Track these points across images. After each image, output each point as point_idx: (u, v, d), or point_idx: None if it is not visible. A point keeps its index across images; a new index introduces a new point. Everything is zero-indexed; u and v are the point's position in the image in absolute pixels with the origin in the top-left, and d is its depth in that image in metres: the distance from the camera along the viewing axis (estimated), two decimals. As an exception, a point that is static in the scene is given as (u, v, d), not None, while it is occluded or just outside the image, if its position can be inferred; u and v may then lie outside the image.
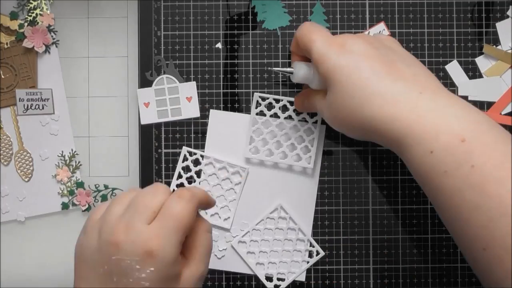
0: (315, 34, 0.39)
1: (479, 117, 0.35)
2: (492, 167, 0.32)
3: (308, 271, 0.47)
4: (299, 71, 0.42)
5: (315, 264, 0.47)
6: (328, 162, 0.47)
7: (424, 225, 0.47)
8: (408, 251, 0.47)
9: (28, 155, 0.48)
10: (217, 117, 0.47)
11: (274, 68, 0.45)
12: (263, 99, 0.47)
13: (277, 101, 0.47)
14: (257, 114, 0.47)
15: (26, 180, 0.48)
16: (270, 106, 0.47)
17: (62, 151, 0.48)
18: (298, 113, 0.47)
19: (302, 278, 0.47)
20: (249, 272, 0.47)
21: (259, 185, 0.47)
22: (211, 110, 0.47)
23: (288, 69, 0.43)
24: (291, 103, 0.47)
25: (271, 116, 0.47)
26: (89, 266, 0.35)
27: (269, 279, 0.47)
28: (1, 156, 0.48)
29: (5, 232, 0.49)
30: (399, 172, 0.47)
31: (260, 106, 0.47)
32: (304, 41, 0.40)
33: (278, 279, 0.47)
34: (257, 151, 0.47)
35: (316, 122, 0.47)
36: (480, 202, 0.32)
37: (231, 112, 0.47)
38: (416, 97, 0.35)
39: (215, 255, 0.47)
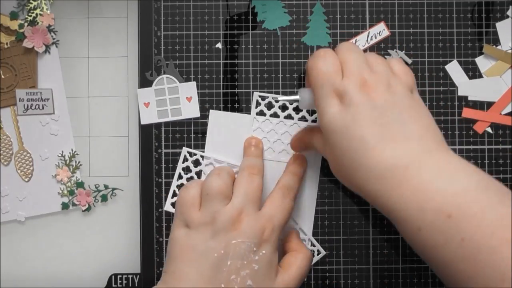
0: (320, 77, 0.38)
1: (468, 183, 0.33)
2: (482, 238, 0.31)
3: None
4: (305, 98, 0.41)
5: (315, 264, 0.47)
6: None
7: (424, 225, 0.47)
8: (408, 251, 0.47)
9: (28, 155, 0.48)
10: (216, 117, 0.47)
11: (280, 98, 0.44)
12: (263, 98, 0.47)
13: (277, 100, 0.47)
14: (257, 113, 0.47)
15: (26, 180, 0.48)
16: (270, 106, 0.47)
17: (62, 151, 0.48)
18: (298, 112, 0.47)
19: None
20: None
21: None
22: (210, 111, 0.47)
23: (293, 97, 0.43)
24: (291, 102, 0.47)
25: (271, 115, 0.47)
26: (199, 254, 0.37)
27: None
28: (1, 156, 0.48)
29: (5, 232, 0.49)
30: (399, 172, 0.47)
31: (260, 105, 0.47)
32: (310, 81, 0.40)
33: None
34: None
35: (315, 120, 0.47)
36: (475, 272, 0.31)
37: (231, 113, 0.47)
38: (402, 173, 0.34)
39: None
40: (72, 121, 0.49)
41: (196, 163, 0.47)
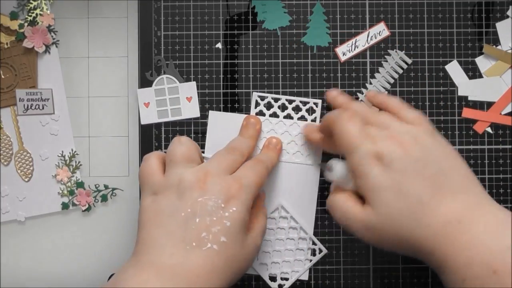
0: (353, 141, 0.38)
1: None
2: None
3: (308, 271, 0.47)
4: (338, 169, 0.40)
5: (315, 264, 0.47)
6: (328, 162, 0.47)
7: (424, 225, 0.47)
8: (408, 251, 0.47)
9: (28, 155, 0.48)
10: (216, 118, 0.47)
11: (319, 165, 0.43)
12: (262, 98, 0.47)
13: (276, 100, 0.47)
14: (256, 114, 0.47)
15: (26, 180, 0.48)
16: (269, 105, 0.47)
17: (62, 151, 0.48)
18: (297, 111, 0.47)
19: (305, 277, 0.47)
20: (253, 272, 0.47)
21: None
22: (210, 112, 0.47)
23: (331, 174, 0.41)
24: (290, 101, 0.47)
25: (270, 115, 0.47)
26: (166, 216, 0.37)
27: (273, 279, 0.47)
28: (1, 156, 0.48)
29: (5, 232, 0.49)
30: (399, 172, 0.47)
31: (259, 105, 0.47)
32: (341, 143, 0.39)
33: (282, 279, 0.47)
34: (259, 150, 0.47)
35: (314, 120, 0.47)
36: None
37: (230, 113, 0.47)
38: (456, 228, 0.35)
39: None
40: (72, 121, 0.49)
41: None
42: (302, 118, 0.47)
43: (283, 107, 0.47)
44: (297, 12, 0.48)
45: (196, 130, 0.48)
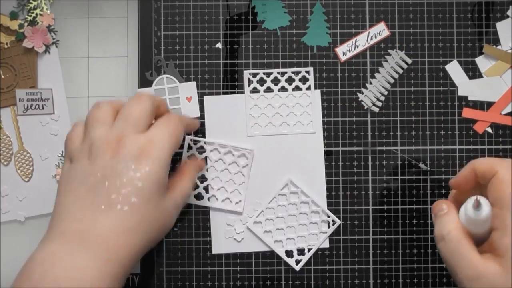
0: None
1: None
2: None
3: (308, 271, 0.47)
4: (485, 211, 0.34)
5: (315, 264, 0.47)
6: (328, 162, 0.47)
7: (424, 225, 0.47)
8: (408, 251, 0.47)
9: (28, 155, 0.48)
10: (212, 102, 0.47)
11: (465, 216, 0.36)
12: (254, 75, 0.47)
13: (268, 74, 0.47)
14: (250, 91, 0.47)
15: (26, 180, 0.48)
16: (262, 81, 0.47)
17: (62, 151, 0.48)
18: (290, 82, 0.47)
19: (326, 245, 0.47)
20: (268, 249, 0.47)
21: (266, 163, 0.47)
22: (205, 97, 0.47)
23: (474, 202, 0.34)
24: (282, 73, 0.47)
25: (264, 91, 0.47)
26: (77, 181, 0.36)
27: (289, 254, 0.47)
28: (1, 156, 0.48)
29: (5, 232, 0.49)
30: (399, 172, 0.47)
31: (252, 83, 0.47)
32: (502, 189, 0.34)
33: (299, 254, 0.47)
34: (259, 127, 0.47)
35: (309, 88, 0.47)
36: None
37: (225, 95, 0.47)
38: None
39: (235, 239, 0.47)
40: (72, 121, 0.49)
41: (201, 150, 0.47)
42: (297, 88, 0.47)
43: (275, 80, 0.47)
44: (297, 12, 0.48)
45: (196, 130, 0.47)
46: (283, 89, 0.47)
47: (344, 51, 0.48)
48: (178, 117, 0.41)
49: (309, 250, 0.47)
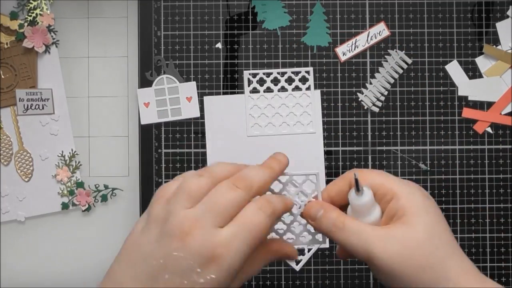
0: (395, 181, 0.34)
1: None
2: None
3: (308, 271, 0.47)
4: (367, 195, 0.34)
5: (315, 264, 0.47)
6: (328, 162, 0.47)
7: (424, 225, 0.47)
8: (408, 251, 0.47)
9: (28, 155, 0.48)
10: (212, 102, 0.47)
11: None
12: (254, 75, 0.47)
13: (268, 74, 0.47)
14: (250, 92, 0.47)
15: (26, 180, 0.48)
16: (261, 82, 0.47)
17: (62, 151, 0.48)
18: (290, 82, 0.47)
19: (326, 245, 0.47)
20: None
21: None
22: (204, 97, 0.47)
23: (358, 189, 0.34)
24: (282, 74, 0.47)
25: (264, 91, 0.47)
26: (141, 256, 0.32)
27: None
28: (1, 156, 0.48)
29: (5, 232, 0.49)
30: (399, 172, 0.47)
31: (252, 83, 0.47)
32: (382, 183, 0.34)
33: (299, 254, 0.47)
34: (259, 127, 0.47)
35: (309, 88, 0.47)
36: None
37: (224, 95, 0.47)
38: None
39: None
40: (72, 121, 0.49)
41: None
42: (297, 88, 0.47)
43: (275, 80, 0.47)
44: (297, 12, 0.48)
45: (196, 130, 0.48)
46: (283, 89, 0.47)
47: (344, 51, 0.48)
48: (274, 206, 0.34)
49: (309, 250, 0.47)
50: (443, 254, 0.32)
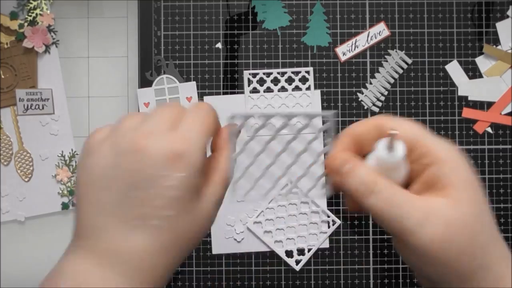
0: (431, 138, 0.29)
1: None
2: None
3: (308, 271, 0.47)
4: (400, 150, 0.29)
5: (315, 264, 0.47)
6: (328, 162, 0.47)
7: (424, 225, 0.47)
8: (408, 251, 0.47)
9: (28, 155, 0.48)
10: (211, 102, 0.47)
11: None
12: (254, 75, 0.47)
13: (268, 74, 0.47)
14: (250, 92, 0.47)
15: (26, 180, 0.48)
16: (261, 81, 0.47)
17: (62, 151, 0.48)
18: (290, 82, 0.47)
19: (326, 245, 0.47)
20: (269, 250, 0.47)
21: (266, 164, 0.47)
22: (204, 97, 0.48)
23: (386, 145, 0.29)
24: (282, 74, 0.47)
25: (264, 91, 0.47)
26: (101, 186, 0.30)
27: (289, 255, 0.47)
28: (1, 156, 0.48)
29: (5, 232, 0.49)
30: (399, 172, 0.47)
31: (252, 83, 0.47)
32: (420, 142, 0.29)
33: (299, 254, 0.47)
34: (258, 128, 0.47)
35: (309, 88, 0.47)
36: None
37: (224, 95, 0.47)
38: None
39: (235, 239, 0.47)
40: (72, 121, 0.49)
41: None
42: (297, 88, 0.47)
43: (275, 80, 0.47)
44: (297, 12, 0.48)
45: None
46: (283, 89, 0.47)
47: (344, 51, 0.48)
48: (208, 107, 0.34)
49: (309, 250, 0.47)
50: (485, 239, 0.28)
